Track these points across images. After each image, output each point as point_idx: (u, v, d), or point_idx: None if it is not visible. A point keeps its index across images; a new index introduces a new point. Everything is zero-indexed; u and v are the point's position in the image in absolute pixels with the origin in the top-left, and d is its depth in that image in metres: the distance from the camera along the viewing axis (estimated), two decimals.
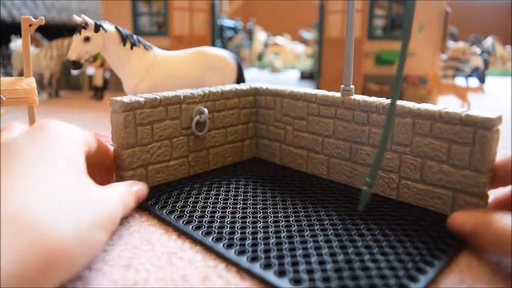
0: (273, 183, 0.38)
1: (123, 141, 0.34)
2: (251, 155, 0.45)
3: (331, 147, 0.39)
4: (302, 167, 0.41)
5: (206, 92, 0.39)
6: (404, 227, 0.29)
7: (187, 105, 0.38)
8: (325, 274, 0.23)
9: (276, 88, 0.43)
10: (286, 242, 0.27)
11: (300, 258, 0.25)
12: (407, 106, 0.33)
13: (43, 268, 0.18)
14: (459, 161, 0.30)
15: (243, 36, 1.93)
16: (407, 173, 0.33)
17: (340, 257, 0.25)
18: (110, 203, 0.26)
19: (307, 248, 0.26)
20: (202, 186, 0.37)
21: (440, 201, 0.32)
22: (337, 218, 0.30)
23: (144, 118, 0.35)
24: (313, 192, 0.36)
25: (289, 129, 0.42)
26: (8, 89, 0.43)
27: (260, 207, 0.32)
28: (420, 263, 0.24)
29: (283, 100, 0.42)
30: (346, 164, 0.38)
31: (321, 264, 0.24)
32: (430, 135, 0.32)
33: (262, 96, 0.44)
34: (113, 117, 0.35)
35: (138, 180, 0.35)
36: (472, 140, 0.29)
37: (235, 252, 0.25)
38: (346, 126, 0.37)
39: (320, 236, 0.27)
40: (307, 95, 0.40)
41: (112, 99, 0.34)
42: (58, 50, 0.99)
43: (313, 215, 0.31)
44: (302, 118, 0.41)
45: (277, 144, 0.43)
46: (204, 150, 0.40)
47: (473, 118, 0.29)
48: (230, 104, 0.42)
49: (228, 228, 0.29)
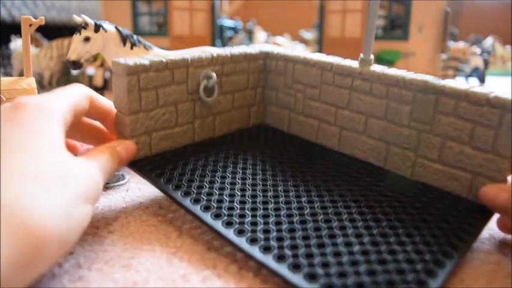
0: (281, 154, 0.36)
1: (126, 106, 0.32)
2: (258, 121, 0.44)
3: (345, 119, 0.37)
4: (312, 137, 0.40)
5: (214, 56, 0.37)
6: (420, 210, 0.28)
7: (195, 69, 0.36)
8: (341, 268, 0.22)
9: (287, 53, 0.41)
10: (300, 228, 0.26)
11: (315, 249, 0.24)
12: (432, 82, 0.31)
13: (34, 253, 0.19)
14: (482, 143, 0.29)
15: (243, 36, 1.93)
16: (424, 152, 0.32)
17: (356, 247, 0.24)
18: (91, 174, 0.25)
19: (321, 236, 0.25)
20: (209, 157, 0.35)
21: (458, 183, 0.31)
22: (350, 199, 0.29)
23: (148, 83, 0.33)
24: (325, 167, 0.34)
25: (300, 97, 0.40)
26: (8, 89, 0.43)
27: (270, 184, 0.31)
28: (438, 254, 0.24)
29: (295, 66, 0.40)
30: (360, 138, 0.36)
31: (336, 256, 0.23)
32: (453, 114, 0.30)
33: (273, 61, 0.42)
34: (115, 81, 0.33)
35: (141, 147, 0.33)
36: (498, 123, 0.28)
37: (246, 240, 0.25)
38: (362, 99, 0.35)
39: (334, 222, 0.27)
40: (322, 63, 0.38)
41: (115, 61, 0.32)
42: (58, 50, 0.99)
43: (326, 195, 0.30)
44: (315, 86, 0.39)
45: (286, 111, 0.42)
46: (210, 116, 0.39)
47: (502, 100, 0.28)
48: (239, 69, 0.40)
49: (238, 210, 0.28)
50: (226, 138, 0.40)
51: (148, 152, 0.34)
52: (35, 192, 0.20)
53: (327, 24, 1.06)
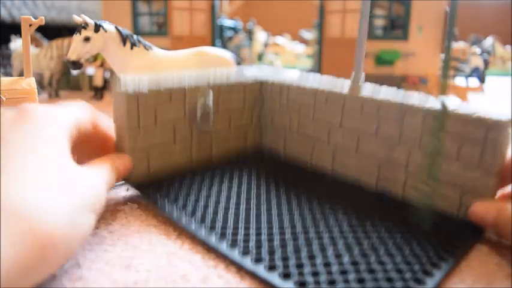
0: (275, 175, 0.37)
1: (125, 124, 0.33)
2: (254, 142, 0.45)
3: (338, 138, 0.38)
4: (307, 157, 0.41)
5: (211, 84, 0.38)
6: (410, 227, 0.29)
7: (191, 93, 0.37)
8: (330, 277, 0.23)
9: (282, 81, 0.42)
10: (291, 243, 0.26)
11: (305, 261, 0.24)
12: (417, 105, 0.32)
13: (39, 258, 0.19)
14: (469, 161, 0.30)
15: (243, 36, 1.93)
16: (414, 171, 0.33)
17: (345, 258, 0.24)
18: (95, 184, 0.26)
19: (311, 250, 0.25)
20: (204, 179, 0.36)
21: (447, 201, 0.31)
22: (343, 217, 0.30)
23: (147, 101, 0.34)
24: (320, 188, 0.35)
25: (295, 118, 0.41)
26: (8, 89, 0.43)
27: (264, 208, 0.32)
28: (427, 265, 0.24)
29: (289, 88, 0.41)
30: (353, 156, 0.37)
31: (326, 266, 0.24)
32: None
33: (268, 87, 0.43)
34: (116, 97, 0.34)
35: (139, 164, 0.34)
36: (484, 141, 0.29)
37: (238, 253, 0.25)
38: (354, 117, 0.36)
39: (325, 236, 0.27)
40: (315, 90, 0.39)
41: (115, 80, 0.34)
42: (58, 50, 0.99)
43: (319, 216, 0.30)
44: (309, 106, 0.40)
45: (281, 132, 0.43)
46: (207, 135, 0.40)
47: (486, 120, 0.29)
48: (235, 90, 0.41)
49: (232, 228, 0.28)
50: (223, 160, 0.41)
51: (146, 169, 0.35)
52: (43, 197, 0.20)
53: (327, 24, 1.06)
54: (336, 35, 1.04)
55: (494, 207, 0.27)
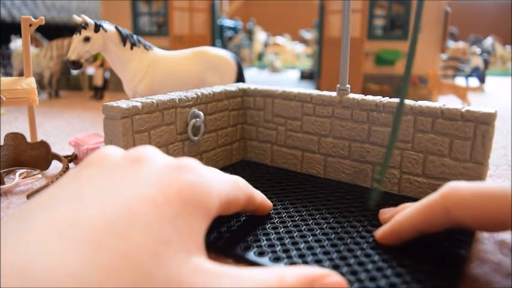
0: (263, 184, 0.37)
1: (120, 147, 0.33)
2: (239, 157, 0.45)
3: (329, 146, 0.38)
4: (296, 167, 0.41)
5: (199, 94, 0.39)
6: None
7: (182, 108, 0.37)
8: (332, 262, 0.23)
9: (266, 88, 0.42)
10: (287, 236, 0.27)
11: (296, 259, 0.24)
12: (409, 104, 0.33)
13: None
14: (461, 154, 0.32)
15: (243, 36, 1.93)
16: (408, 168, 0.34)
17: (352, 259, 0.24)
18: None
19: (309, 241, 0.26)
20: None
21: None
22: (340, 216, 0.30)
23: (141, 125, 0.34)
24: (313, 191, 0.36)
25: (282, 130, 0.41)
26: (8, 89, 0.43)
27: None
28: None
29: (274, 100, 0.41)
30: (345, 162, 0.38)
31: (317, 262, 0.24)
32: (432, 131, 0.33)
33: (251, 97, 0.43)
34: (107, 124, 0.33)
35: None
36: (473, 134, 0.31)
37: (240, 248, 0.26)
38: (344, 125, 0.37)
39: (324, 239, 0.27)
40: (302, 95, 0.39)
41: (106, 104, 0.32)
42: (58, 50, 0.99)
43: (323, 222, 0.30)
44: (296, 118, 0.40)
45: (268, 145, 0.43)
46: (198, 155, 0.40)
47: (474, 113, 0.31)
48: (220, 107, 0.41)
49: (225, 227, 0.28)
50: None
51: None
52: None
53: (327, 24, 1.06)
54: (336, 35, 1.04)
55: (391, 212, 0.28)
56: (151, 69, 0.53)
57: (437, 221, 0.24)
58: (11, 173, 0.41)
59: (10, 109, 0.80)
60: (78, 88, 1.13)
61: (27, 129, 0.46)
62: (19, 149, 0.43)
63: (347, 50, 0.36)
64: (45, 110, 0.83)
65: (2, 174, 0.39)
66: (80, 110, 0.84)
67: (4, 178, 0.39)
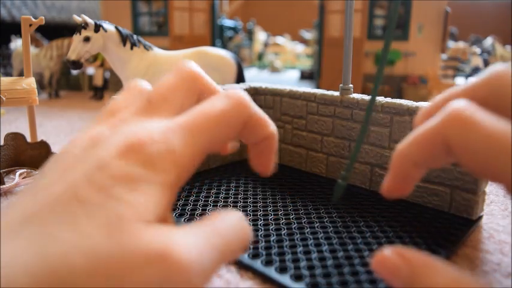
0: (272, 181, 0.38)
1: None
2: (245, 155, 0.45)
3: (330, 145, 0.39)
4: (301, 166, 0.42)
5: None
6: (403, 223, 0.29)
7: None
8: (325, 270, 0.23)
9: (275, 87, 0.43)
10: (287, 239, 0.27)
11: (301, 255, 0.25)
12: (405, 104, 0.33)
13: None
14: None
15: (243, 36, 1.93)
16: None
17: (340, 253, 0.25)
18: None
19: (307, 245, 0.26)
20: (203, 185, 0.37)
21: (438, 198, 0.32)
22: (336, 216, 0.30)
23: None
24: (313, 190, 0.36)
25: (289, 128, 0.42)
26: (8, 89, 0.43)
27: (260, 206, 0.32)
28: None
29: (282, 99, 0.42)
30: (345, 162, 0.38)
31: (321, 260, 0.24)
32: None
33: (262, 96, 0.44)
34: None
35: None
36: None
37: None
38: (345, 125, 0.37)
39: (320, 233, 0.28)
40: (307, 94, 0.40)
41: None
42: (58, 50, 0.99)
43: (313, 213, 0.31)
44: (301, 117, 0.41)
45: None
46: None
47: None
48: None
49: None
50: (220, 169, 0.41)
51: None
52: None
53: (327, 24, 1.06)
54: (336, 35, 1.04)
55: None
56: (151, 69, 0.53)
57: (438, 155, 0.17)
58: (11, 173, 0.41)
59: (10, 109, 0.80)
60: (78, 88, 1.13)
61: (27, 129, 0.46)
62: (19, 149, 0.43)
63: (350, 50, 0.36)
64: (45, 110, 0.83)
65: (2, 174, 0.39)
66: (80, 110, 0.84)
67: (4, 178, 0.39)
